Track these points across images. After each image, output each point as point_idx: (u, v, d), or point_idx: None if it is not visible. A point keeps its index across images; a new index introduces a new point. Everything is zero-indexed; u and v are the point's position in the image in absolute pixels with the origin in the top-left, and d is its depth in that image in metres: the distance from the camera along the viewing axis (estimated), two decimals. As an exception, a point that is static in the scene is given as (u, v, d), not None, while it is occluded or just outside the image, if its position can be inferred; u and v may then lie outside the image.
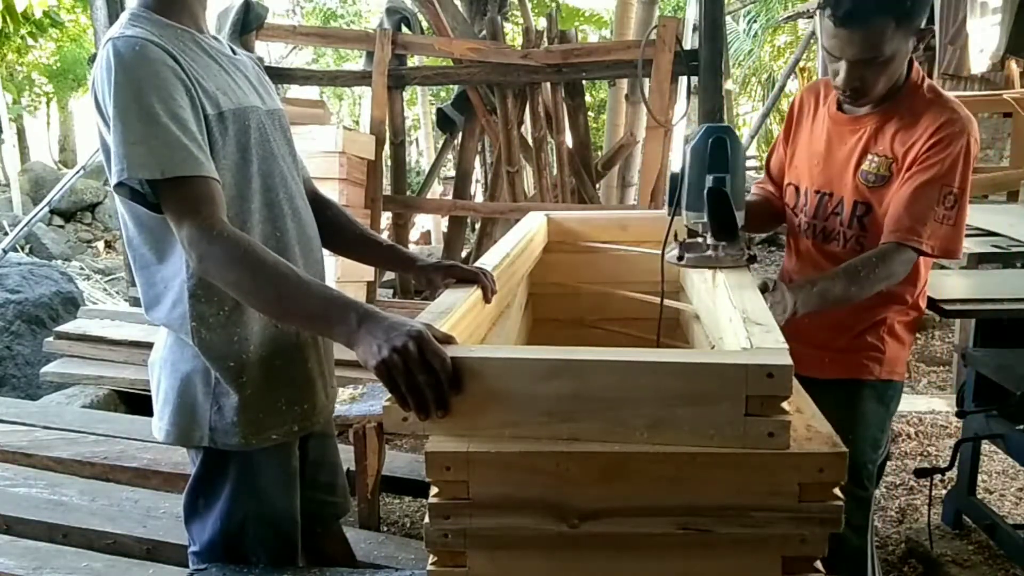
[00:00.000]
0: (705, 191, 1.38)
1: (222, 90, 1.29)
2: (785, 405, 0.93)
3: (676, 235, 1.54)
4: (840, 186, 1.65)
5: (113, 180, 1.20)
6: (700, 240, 1.50)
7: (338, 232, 1.57)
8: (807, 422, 1.03)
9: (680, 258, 1.50)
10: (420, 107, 12.94)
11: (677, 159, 6.57)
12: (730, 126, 1.39)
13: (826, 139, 1.68)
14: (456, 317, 1.20)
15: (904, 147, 1.54)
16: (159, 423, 1.39)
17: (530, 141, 4.67)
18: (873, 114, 1.60)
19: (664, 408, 0.95)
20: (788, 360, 0.93)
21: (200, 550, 1.42)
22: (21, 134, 17.63)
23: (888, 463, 3.14)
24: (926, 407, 3.73)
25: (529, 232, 1.85)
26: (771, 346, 1.00)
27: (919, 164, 1.51)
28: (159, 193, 1.19)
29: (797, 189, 1.77)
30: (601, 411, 0.96)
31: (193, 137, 1.19)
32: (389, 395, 1.00)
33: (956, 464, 2.34)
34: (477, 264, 1.46)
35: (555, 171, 4.62)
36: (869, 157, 1.60)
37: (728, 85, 9.40)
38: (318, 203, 1.54)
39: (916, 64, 1.59)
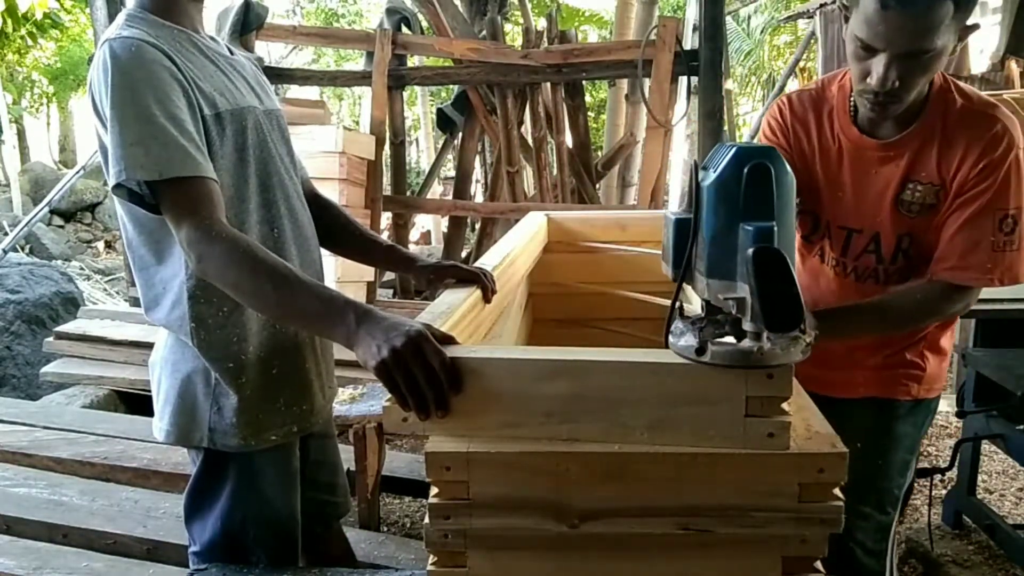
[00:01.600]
0: (748, 252, 0.86)
1: (219, 90, 1.29)
2: (785, 406, 0.93)
3: (682, 308, 1.05)
4: (874, 222, 1.44)
5: (111, 181, 1.20)
6: (721, 318, 0.97)
7: (338, 233, 1.57)
8: (807, 422, 1.03)
9: (700, 351, 0.93)
10: (420, 107, 12.94)
11: (677, 162, 6.53)
12: (773, 148, 0.91)
13: (849, 166, 1.45)
14: (456, 317, 1.20)
15: (951, 171, 1.36)
16: (159, 423, 1.39)
17: (530, 141, 4.67)
18: (908, 137, 1.38)
19: (664, 409, 0.95)
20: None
21: (200, 550, 1.42)
22: (21, 134, 17.63)
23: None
24: (926, 407, 3.72)
25: (529, 232, 1.85)
26: (771, 346, 0.99)
27: (969, 190, 1.34)
28: (157, 194, 1.19)
29: (816, 219, 1.53)
30: (601, 411, 0.96)
31: (191, 138, 1.19)
32: (389, 395, 1.00)
33: (956, 464, 2.34)
34: (477, 264, 1.45)
35: (555, 171, 4.62)
36: (910, 186, 1.39)
37: (728, 85, 9.39)
38: (317, 204, 1.54)
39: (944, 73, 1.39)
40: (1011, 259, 1.34)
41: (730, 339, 0.95)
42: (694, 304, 1.74)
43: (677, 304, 1.02)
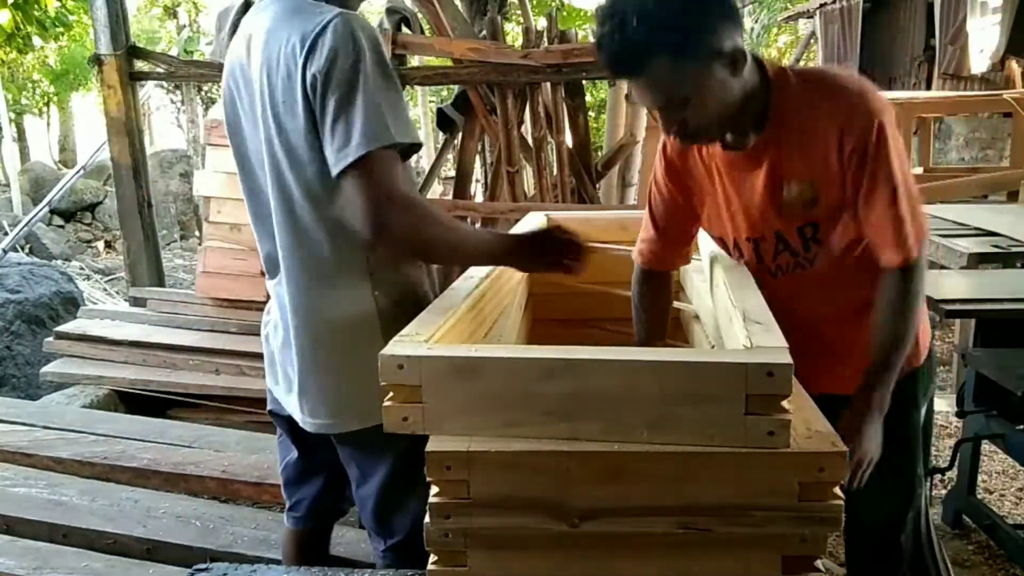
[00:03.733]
0: None
1: None
2: (786, 404, 0.93)
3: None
4: (770, 226, 1.44)
5: (362, 150, 1.16)
6: None
7: None
8: (807, 421, 1.03)
9: None
10: (420, 107, 12.95)
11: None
12: None
13: (727, 182, 1.46)
14: (455, 319, 1.20)
15: (823, 164, 1.34)
16: (327, 411, 1.36)
17: (530, 141, 4.67)
18: (761, 141, 1.37)
19: (665, 407, 0.95)
20: (788, 359, 0.93)
21: (405, 539, 1.42)
22: (21, 134, 17.64)
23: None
24: (926, 407, 3.72)
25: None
26: (771, 344, 1.00)
27: (855, 177, 1.32)
28: (371, 162, 1.17)
29: (724, 242, 1.56)
30: (602, 411, 0.96)
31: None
32: (389, 396, 1.00)
33: (956, 464, 2.34)
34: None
35: (555, 171, 4.62)
36: (785, 187, 1.38)
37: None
38: None
39: (766, 61, 1.35)
40: (918, 226, 1.33)
41: None
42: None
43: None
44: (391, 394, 1.01)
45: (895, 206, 1.30)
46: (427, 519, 1.00)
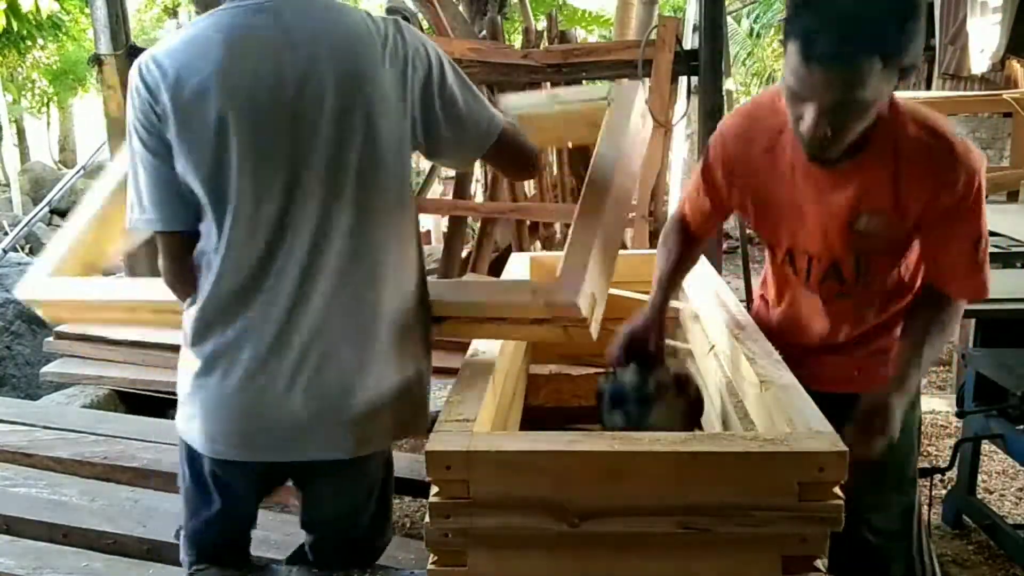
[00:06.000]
0: None
1: None
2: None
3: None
4: (831, 248, 1.45)
5: (503, 119, 1.38)
6: None
7: None
8: (807, 422, 1.03)
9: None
10: (420, 107, 12.91)
11: (677, 162, 6.56)
12: None
13: (805, 188, 1.42)
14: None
15: (911, 204, 1.35)
16: (364, 433, 1.30)
17: (530, 141, 4.67)
18: (856, 164, 1.35)
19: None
20: None
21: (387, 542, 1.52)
22: (21, 134, 17.63)
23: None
24: (926, 407, 3.71)
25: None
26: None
27: (940, 220, 1.34)
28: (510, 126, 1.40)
29: (774, 249, 1.57)
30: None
31: None
32: None
33: (956, 464, 2.34)
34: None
35: (555, 171, 4.61)
36: (864, 217, 1.38)
37: (729, 85, 9.38)
38: None
39: (893, 94, 1.32)
40: (988, 276, 1.40)
41: None
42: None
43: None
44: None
45: (976, 251, 1.37)
46: (427, 519, 1.00)
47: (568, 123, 1.74)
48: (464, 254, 5.10)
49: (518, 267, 1.94)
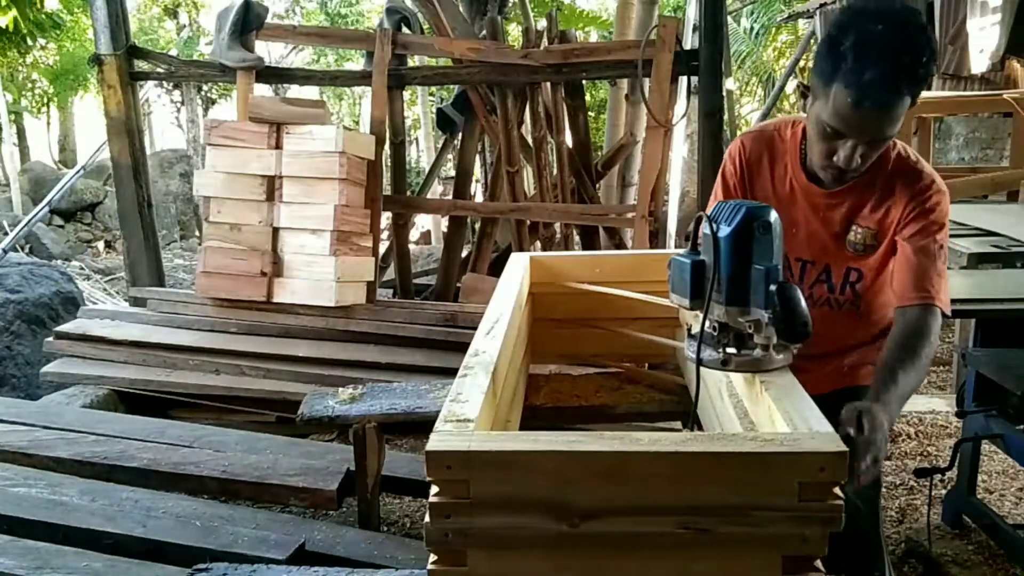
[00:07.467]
0: (772, 287, 1.20)
1: None
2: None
3: (688, 329, 1.38)
4: (825, 256, 1.61)
5: None
6: (728, 336, 1.29)
7: None
8: (807, 422, 1.03)
9: (725, 363, 1.28)
10: (420, 107, 12.94)
11: (677, 162, 6.54)
12: (769, 207, 1.24)
13: (801, 207, 1.60)
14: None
15: (890, 218, 1.53)
16: None
17: (530, 141, 4.67)
18: (849, 187, 1.54)
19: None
20: None
21: None
22: (21, 134, 17.63)
23: (888, 463, 3.14)
24: (926, 407, 3.73)
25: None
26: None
27: (911, 231, 1.51)
28: None
29: None
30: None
31: None
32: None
33: (956, 464, 2.34)
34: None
35: (555, 171, 4.61)
36: (854, 229, 1.57)
37: (729, 85, 9.37)
38: None
39: None
40: (947, 291, 1.51)
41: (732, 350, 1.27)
42: (693, 324, 1.75)
43: (695, 326, 1.30)
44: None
45: (937, 263, 1.49)
46: (427, 519, 1.00)
47: None
48: (464, 254, 5.11)
49: (518, 267, 1.94)
